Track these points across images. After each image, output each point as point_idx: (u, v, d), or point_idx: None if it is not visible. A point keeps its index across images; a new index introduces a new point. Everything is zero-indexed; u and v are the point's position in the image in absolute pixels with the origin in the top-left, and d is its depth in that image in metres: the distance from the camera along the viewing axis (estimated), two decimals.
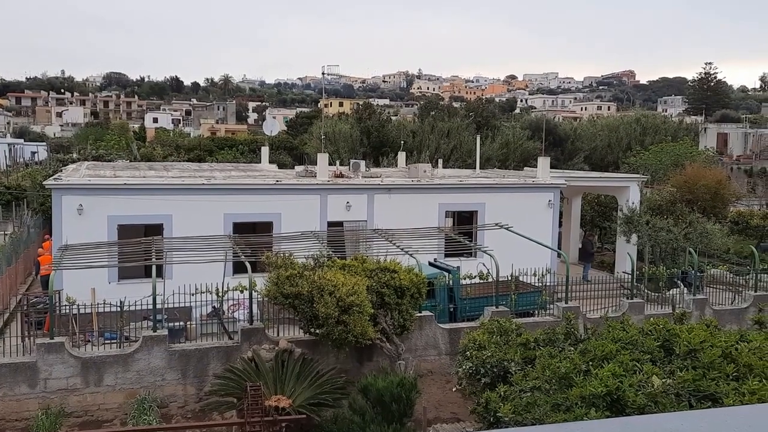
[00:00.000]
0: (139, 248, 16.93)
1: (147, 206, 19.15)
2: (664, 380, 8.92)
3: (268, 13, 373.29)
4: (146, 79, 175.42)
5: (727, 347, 9.85)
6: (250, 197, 20.44)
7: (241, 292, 16.14)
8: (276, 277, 13.56)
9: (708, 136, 59.99)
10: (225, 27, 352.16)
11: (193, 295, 15.24)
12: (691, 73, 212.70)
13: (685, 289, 20.26)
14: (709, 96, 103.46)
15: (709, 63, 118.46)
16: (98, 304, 15.73)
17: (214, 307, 16.21)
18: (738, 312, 19.44)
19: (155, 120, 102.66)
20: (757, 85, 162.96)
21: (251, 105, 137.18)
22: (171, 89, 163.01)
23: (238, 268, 18.00)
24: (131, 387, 13.92)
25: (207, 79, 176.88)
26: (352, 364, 15.07)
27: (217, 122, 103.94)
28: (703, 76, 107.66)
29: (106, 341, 15.28)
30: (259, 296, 15.23)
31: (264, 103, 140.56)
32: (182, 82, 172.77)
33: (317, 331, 13.85)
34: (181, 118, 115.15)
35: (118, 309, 15.16)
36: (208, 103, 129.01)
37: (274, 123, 34.75)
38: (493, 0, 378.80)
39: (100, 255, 16.14)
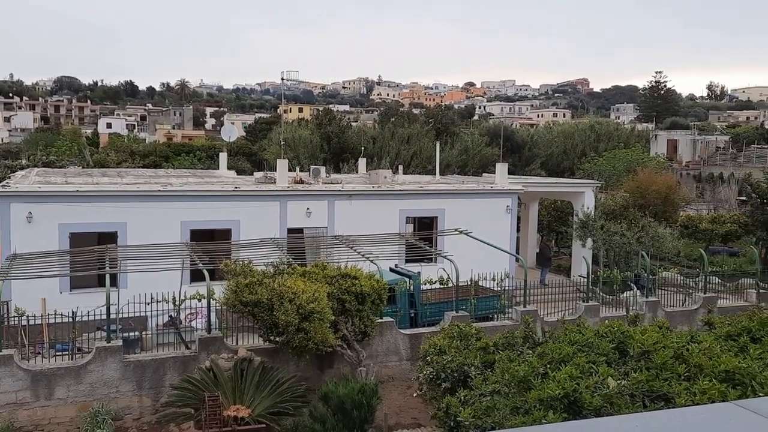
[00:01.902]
0: (92, 257, 16.48)
1: (100, 214, 18.67)
2: (619, 381, 9.12)
3: (227, 18, 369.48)
4: (99, 84, 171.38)
5: (678, 348, 10.12)
6: (207, 204, 20.13)
7: (199, 300, 15.87)
8: (235, 285, 13.38)
9: (658, 142, 61.78)
10: (182, 31, 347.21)
11: (148, 304, 14.93)
12: (642, 82, 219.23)
13: (638, 291, 20.80)
14: (659, 104, 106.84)
15: (659, 72, 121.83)
16: (49, 314, 15.24)
17: (170, 316, 15.88)
18: (688, 313, 20.04)
19: (109, 125, 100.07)
20: (705, 93, 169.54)
21: (209, 110, 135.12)
22: (125, 94, 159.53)
23: (196, 277, 17.70)
24: (84, 400, 13.52)
25: (163, 84, 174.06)
26: (312, 371, 14.96)
27: (174, 128, 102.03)
28: (653, 84, 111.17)
29: (58, 353, 14.80)
30: (217, 304, 15.00)
31: (222, 109, 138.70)
32: (137, 86, 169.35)
33: (277, 339, 13.72)
34: (135, 123, 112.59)
35: (70, 319, 14.73)
36: (164, 108, 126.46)
37: (233, 129, 34.36)
38: (452, 8, 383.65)
39: (50, 264, 15.65)
